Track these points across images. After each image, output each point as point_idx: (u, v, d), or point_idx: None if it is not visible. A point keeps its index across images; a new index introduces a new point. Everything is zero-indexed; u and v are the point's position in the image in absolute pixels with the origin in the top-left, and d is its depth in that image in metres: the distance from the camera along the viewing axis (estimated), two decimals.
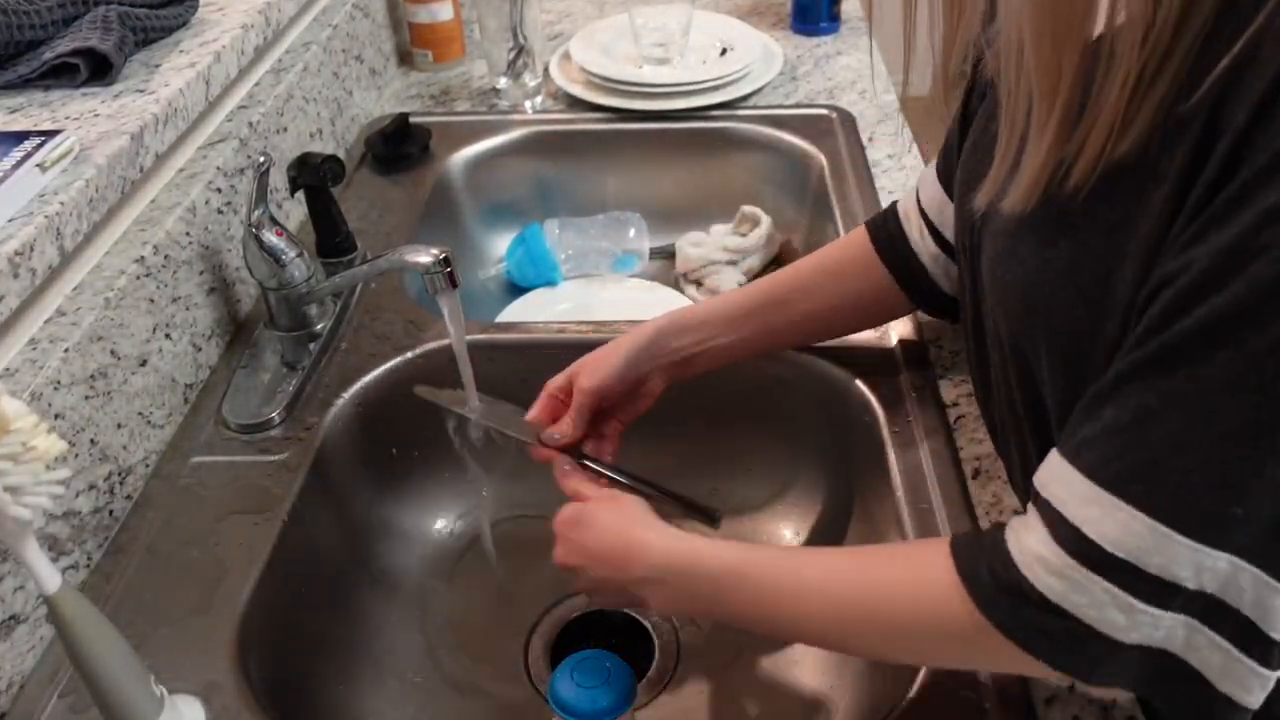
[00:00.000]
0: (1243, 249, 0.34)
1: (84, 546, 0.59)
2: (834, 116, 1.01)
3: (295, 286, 0.73)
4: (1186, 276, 0.36)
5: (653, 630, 0.71)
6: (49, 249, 0.57)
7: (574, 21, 1.22)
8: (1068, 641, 0.39)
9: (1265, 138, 0.34)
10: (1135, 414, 0.37)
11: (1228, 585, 0.36)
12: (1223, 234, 0.35)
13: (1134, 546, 0.37)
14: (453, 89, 1.11)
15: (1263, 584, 0.36)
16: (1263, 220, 0.34)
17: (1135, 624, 0.38)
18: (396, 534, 0.77)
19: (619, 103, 1.02)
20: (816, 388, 0.73)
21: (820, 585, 0.48)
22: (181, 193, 0.72)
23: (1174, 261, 0.37)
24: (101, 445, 0.61)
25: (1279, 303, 0.34)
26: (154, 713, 0.49)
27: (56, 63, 0.69)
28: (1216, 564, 0.36)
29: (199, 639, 0.56)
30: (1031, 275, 0.44)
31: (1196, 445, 0.36)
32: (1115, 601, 0.37)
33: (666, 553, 0.51)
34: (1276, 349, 0.34)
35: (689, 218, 1.02)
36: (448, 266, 0.63)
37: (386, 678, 0.68)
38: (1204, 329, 0.35)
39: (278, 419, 0.70)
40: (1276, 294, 0.34)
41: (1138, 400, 0.37)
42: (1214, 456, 0.35)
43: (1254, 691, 0.38)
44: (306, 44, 0.93)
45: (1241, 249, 0.34)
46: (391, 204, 0.93)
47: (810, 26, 1.17)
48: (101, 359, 0.61)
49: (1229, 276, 0.34)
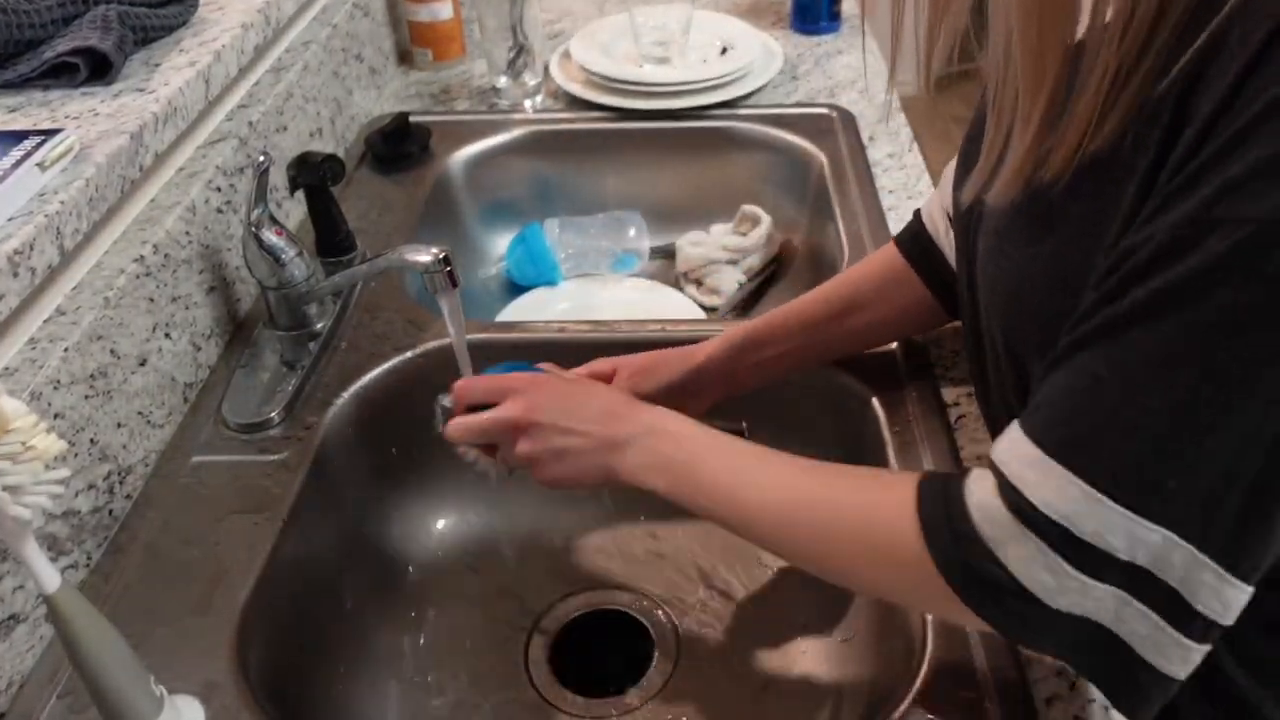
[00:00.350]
0: (1199, 221, 0.34)
1: (83, 546, 0.59)
2: (834, 116, 1.01)
3: (295, 286, 0.73)
4: (1145, 249, 0.36)
5: (652, 630, 0.71)
6: (49, 248, 0.57)
7: (574, 20, 1.22)
8: (996, 593, 0.40)
9: (1227, 119, 0.34)
10: (1082, 381, 0.38)
11: (1159, 558, 0.37)
12: (1181, 208, 0.35)
13: (1069, 511, 0.37)
14: (453, 88, 1.11)
15: (1193, 559, 0.36)
16: (1219, 194, 0.34)
17: (1063, 588, 0.38)
18: (396, 533, 0.77)
19: (619, 102, 1.02)
20: (817, 389, 0.73)
21: (787, 480, 0.49)
22: (181, 192, 0.71)
23: (1136, 235, 0.37)
24: (101, 445, 0.61)
25: (1227, 276, 0.34)
26: (153, 712, 0.49)
27: (56, 62, 0.69)
28: (1150, 536, 0.36)
29: (198, 639, 0.56)
30: (1019, 271, 0.45)
31: (1139, 415, 0.36)
32: (1045, 561, 0.38)
33: (664, 414, 0.53)
34: (1222, 323, 0.34)
35: (689, 217, 1.02)
36: (447, 266, 0.63)
37: (386, 678, 0.68)
38: (1155, 300, 0.36)
39: (277, 418, 0.69)
40: (1226, 268, 0.34)
41: (1086, 368, 0.38)
42: (1155, 427, 0.36)
43: (1175, 662, 0.39)
44: (306, 43, 0.93)
45: (1198, 221, 0.34)
46: (391, 203, 0.93)
47: (810, 25, 1.17)
48: (101, 358, 0.61)
49: (1184, 249, 0.35)
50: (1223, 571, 0.37)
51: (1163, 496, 0.36)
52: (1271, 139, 0.33)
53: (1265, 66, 0.34)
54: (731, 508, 0.51)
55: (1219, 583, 0.37)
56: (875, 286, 0.66)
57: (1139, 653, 0.39)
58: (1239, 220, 0.33)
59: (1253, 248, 0.33)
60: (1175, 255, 0.35)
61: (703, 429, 0.53)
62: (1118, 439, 0.37)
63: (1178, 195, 0.36)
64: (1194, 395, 0.35)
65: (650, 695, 0.67)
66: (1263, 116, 0.33)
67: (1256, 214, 0.33)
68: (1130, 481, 0.36)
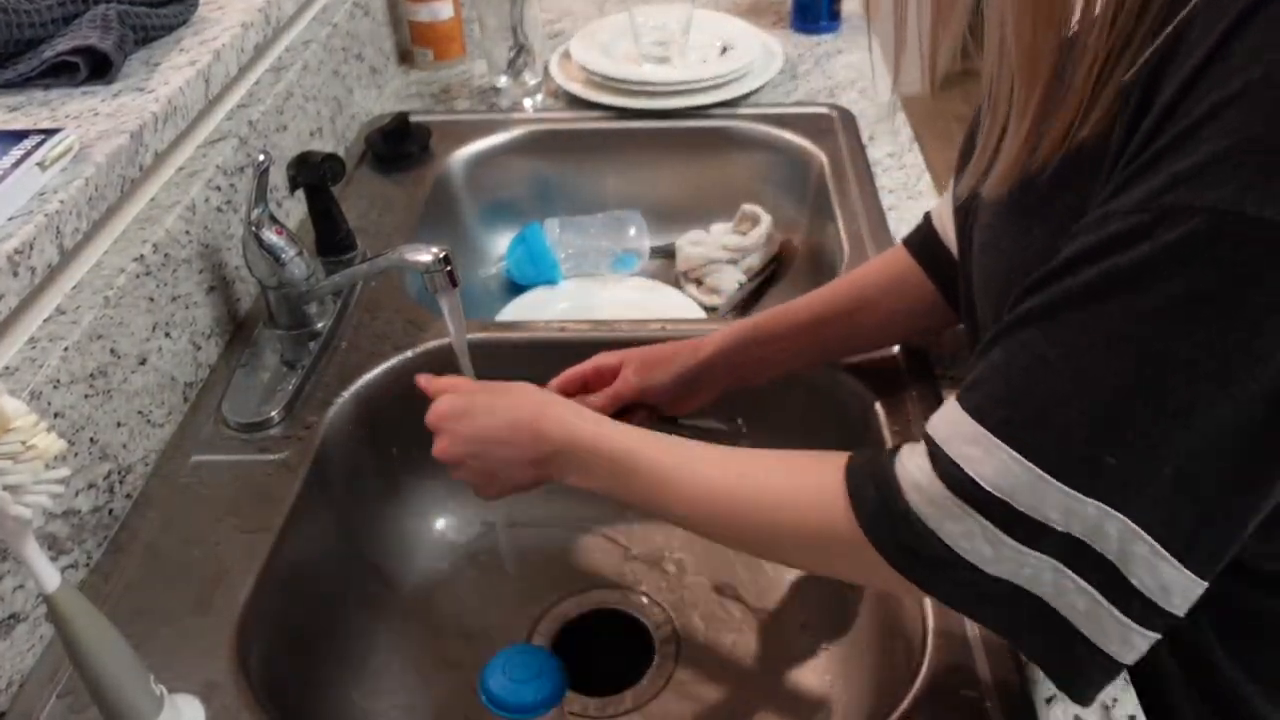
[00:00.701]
0: (1150, 207, 0.35)
1: (83, 545, 0.59)
2: (834, 115, 1.01)
3: (295, 285, 0.73)
4: (1095, 232, 0.37)
5: (652, 630, 0.71)
6: (48, 247, 0.57)
7: (574, 20, 1.22)
8: (937, 565, 0.41)
9: (1184, 109, 0.35)
10: (1024, 360, 0.38)
11: (1094, 531, 0.37)
12: (1133, 193, 0.36)
13: (1008, 486, 0.38)
14: (453, 87, 1.11)
15: (1129, 531, 0.37)
16: (1171, 182, 0.35)
17: (1000, 557, 0.39)
18: (397, 533, 0.77)
19: (619, 101, 1.02)
20: (816, 387, 0.73)
21: (712, 483, 0.49)
22: (181, 191, 0.71)
23: (1093, 214, 0.38)
24: (101, 444, 0.60)
25: (1174, 264, 0.34)
26: (153, 712, 0.49)
27: (56, 61, 0.69)
28: (1085, 509, 0.37)
29: (198, 638, 0.56)
30: (1009, 262, 0.45)
31: (1081, 396, 0.37)
32: (985, 533, 0.39)
33: (571, 430, 0.53)
34: (1167, 309, 0.35)
35: (689, 216, 1.02)
36: (448, 265, 0.63)
37: (386, 677, 0.68)
38: (1103, 282, 0.36)
39: (277, 418, 0.69)
40: (1174, 256, 0.34)
41: (1030, 346, 0.38)
42: (1097, 408, 0.36)
43: (1115, 641, 0.39)
44: (306, 42, 0.93)
45: (1148, 207, 0.35)
46: (391, 203, 0.93)
47: (810, 25, 1.17)
48: (101, 358, 0.61)
49: (1134, 234, 0.35)
50: (1157, 546, 0.37)
51: (1101, 474, 0.37)
52: (1224, 132, 0.34)
53: (1222, 58, 0.34)
54: (664, 507, 0.51)
55: (1154, 557, 0.37)
56: (883, 286, 0.66)
57: (1078, 628, 0.39)
58: (1189, 209, 0.34)
59: (1200, 237, 0.34)
60: (1125, 240, 0.36)
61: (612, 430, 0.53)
62: (1060, 419, 0.37)
63: (1132, 181, 0.36)
64: (1136, 378, 0.36)
65: (650, 696, 0.67)
66: (1216, 110, 0.34)
67: (1206, 204, 0.34)
68: (1071, 460, 0.37)
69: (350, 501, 0.73)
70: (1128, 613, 0.39)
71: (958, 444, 0.40)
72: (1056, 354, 0.37)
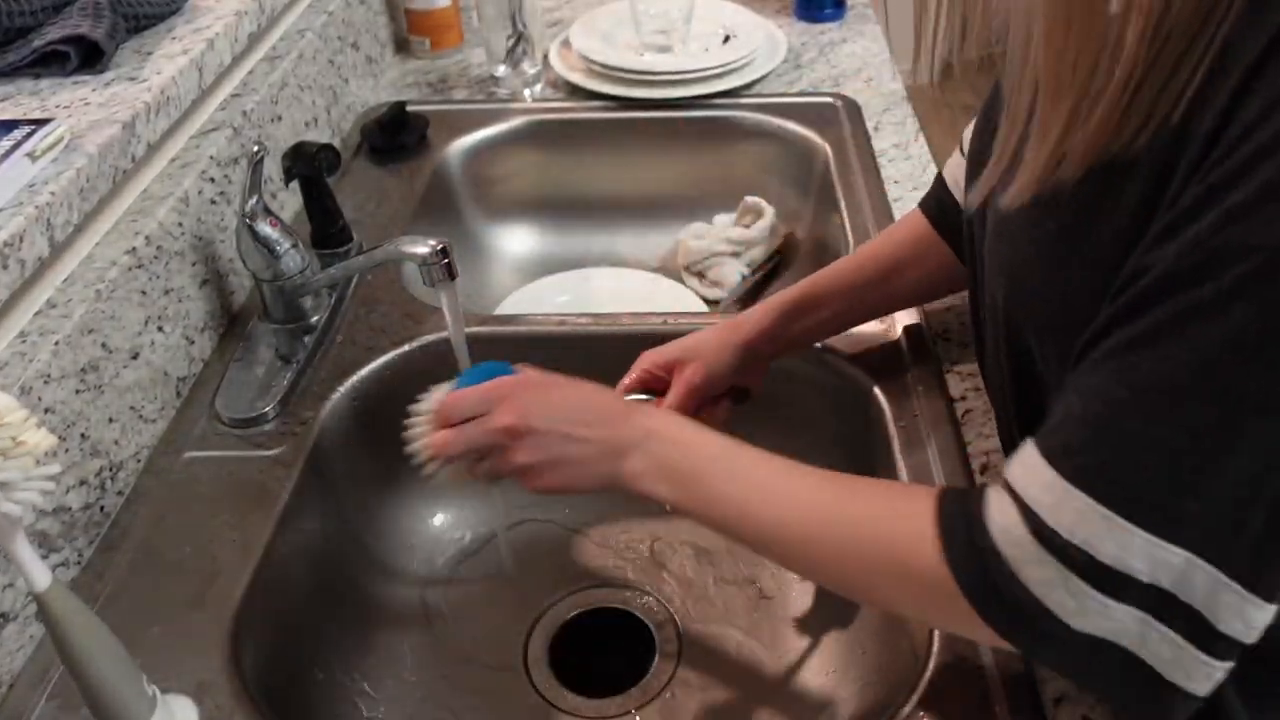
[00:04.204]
0: (1208, 246, 0.35)
1: (75, 543, 0.59)
2: (839, 105, 1.00)
3: (290, 278, 0.72)
4: (1156, 271, 0.37)
5: (653, 629, 0.71)
6: (39, 240, 0.56)
7: (574, 8, 1.20)
8: (1018, 612, 0.40)
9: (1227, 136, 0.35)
10: (1097, 406, 0.38)
11: (1181, 580, 0.37)
12: (1190, 231, 0.36)
13: (1089, 534, 0.38)
14: (450, 77, 1.10)
15: (1215, 580, 0.37)
16: (1225, 219, 0.35)
17: (1084, 609, 0.38)
18: (394, 530, 0.76)
19: (620, 91, 1.01)
20: (821, 382, 0.72)
21: (804, 496, 0.47)
22: (174, 183, 0.70)
23: (1148, 255, 0.38)
24: (92, 440, 0.60)
25: (1239, 304, 0.34)
26: (146, 712, 0.48)
27: (46, 50, 0.68)
28: (1171, 558, 0.37)
29: (192, 637, 0.55)
30: (1021, 249, 0.46)
31: (1156, 441, 0.36)
32: (1066, 584, 0.38)
33: (666, 419, 0.51)
34: (1236, 349, 0.35)
35: (691, 208, 1.01)
36: (445, 258, 0.62)
37: (383, 676, 0.68)
38: (1169, 326, 0.36)
39: (272, 413, 0.69)
40: (1238, 295, 0.34)
41: (1102, 392, 0.38)
42: (1173, 452, 0.36)
43: (1199, 680, 0.39)
44: (301, 31, 0.92)
45: (1206, 246, 0.35)
46: (388, 194, 0.92)
47: (814, 13, 1.15)
48: (92, 352, 0.60)
49: (1196, 275, 0.35)
50: (1245, 592, 0.37)
51: (1183, 520, 0.36)
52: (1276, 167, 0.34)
53: (1256, 91, 0.34)
54: (744, 522, 0.49)
55: (1241, 603, 0.37)
56: (909, 250, 0.66)
57: (1163, 674, 0.39)
58: (1249, 248, 0.34)
59: (1263, 276, 0.34)
60: (1187, 281, 0.36)
61: (709, 434, 0.51)
62: (1136, 464, 0.37)
63: (1185, 217, 0.36)
64: (1210, 420, 0.36)
65: (651, 695, 0.67)
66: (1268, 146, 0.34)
67: (1265, 242, 0.34)
68: (1150, 506, 0.37)
69: (346, 498, 0.72)
70: (1212, 654, 0.38)
71: (1036, 491, 0.39)
72: (1129, 400, 0.37)
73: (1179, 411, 0.36)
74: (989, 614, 0.41)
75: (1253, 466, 0.35)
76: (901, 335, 0.72)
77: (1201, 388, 0.36)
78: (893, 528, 0.45)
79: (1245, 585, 0.37)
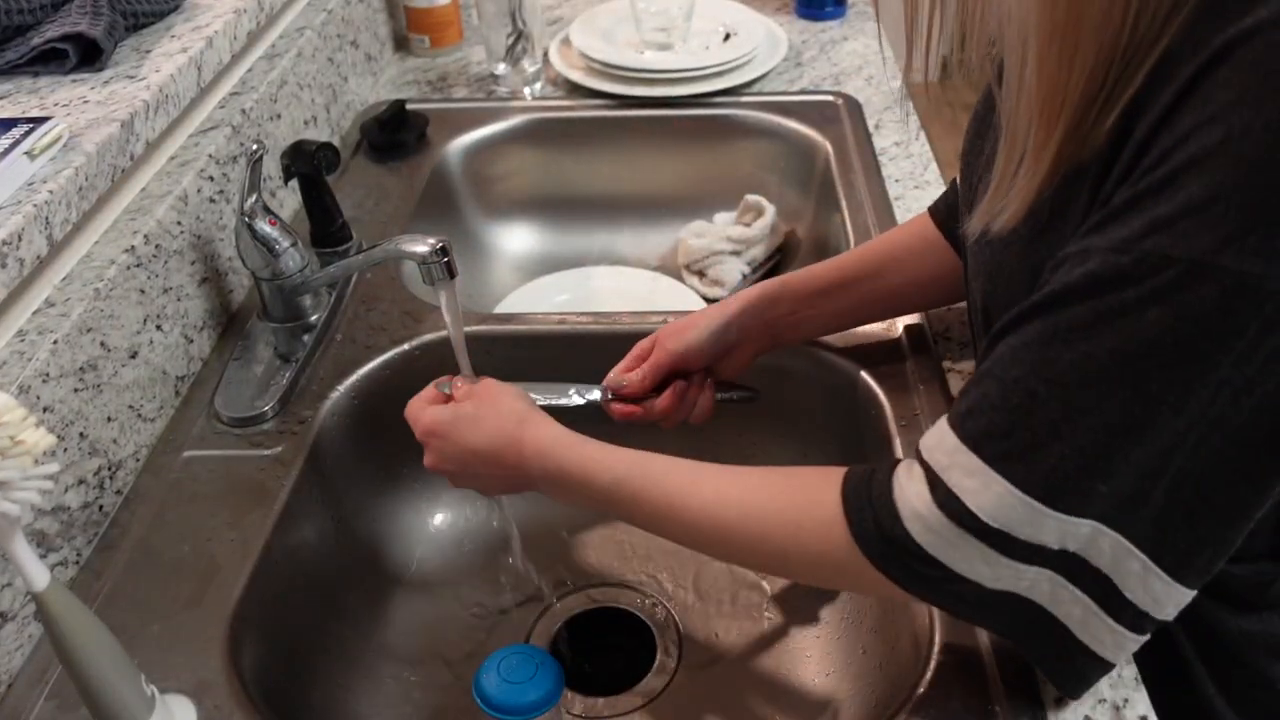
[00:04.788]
0: (1131, 251, 0.37)
1: (73, 543, 0.58)
2: (840, 103, 1.00)
3: (289, 277, 0.72)
4: (1080, 266, 0.38)
5: (655, 629, 0.71)
6: (37, 238, 0.56)
7: (574, 6, 1.20)
8: (939, 583, 0.43)
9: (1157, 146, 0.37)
10: (1018, 396, 0.40)
11: (1088, 545, 0.40)
12: (1116, 233, 0.37)
13: (1007, 518, 0.40)
14: (450, 75, 1.09)
15: (1120, 546, 0.40)
16: (1151, 227, 0.36)
17: (999, 575, 0.41)
18: (393, 530, 0.76)
19: (620, 89, 1.01)
20: (822, 379, 0.72)
21: (709, 508, 0.50)
22: (173, 181, 0.70)
23: (1071, 246, 0.40)
24: (91, 439, 0.60)
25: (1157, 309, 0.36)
26: (144, 712, 0.48)
27: (45, 48, 0.68)
28: (1079, 529, 0.40)
29: (191, 637, 0.55)
30: (996, 257, 0.48)
31: (1074, 433, 0.39)
32: (984, 556, 0.41)
33: (560, 460, 0.54)
34: (1153, 351, 0.37)
35: (692, 207, 1.01)
36: (445, 256, 0.62)
37: (383, 676, 0.68)
38: (1091, 323, 0.38)
39: (271, 412, 0.68)
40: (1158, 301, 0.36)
41: (1023, 382, 0.40)
42: (1089, 444, 0.38)
43: (1109, 648, 0.42)
44: (300, 29, 0.91)
45: (1130, 251, 0.37)
46: (388, 192, 0.92)
47: (815, 11, 1.15)
48: (91, 351, 0.60)
49: (1119, 277, 0.37)
50: (1149, 561, 0.40)
51: (1094, 500, 0.39)
52: (1205, 182, 0.35)
53: (1196, 102, 0.36)
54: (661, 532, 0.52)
55: (1145, 573, 0.40)
56: (908, 250, 0.67)
57: (1074, 633, 0.42)
58: (1169, 258, 0.36)
59: (1180, 286, 0.36)
60: (1110, 284, 0.37)
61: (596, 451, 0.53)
62: (1054, 454, 0.39)
63: (1114, 219, 0.38)
64: (1124, 415, 0.38)
65: (653, 694, 0.67)
66: (1196, 159, 0.35)
67: (1186, 254, 0.36)
68: (1066, 491, 0.39)
69: (345, 497, 0.72)
70: (1120, 621, 0.41)
71: (957, 475, 0.41)
72: (1047, 390, 0.39)
73: (1094, 406, 0.38)
74: (908, 587, 0.44)
75: (1158, 451, 0.38)
76: (902, 334, 0.72)
77: (1119, 385, 0.38)
78: (800, 526, 0.47)
79: (1149, 555, 0.40)
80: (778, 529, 0.48)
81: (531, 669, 0.53)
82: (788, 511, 0.48)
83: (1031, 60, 0.39)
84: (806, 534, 0.47)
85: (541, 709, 0.53)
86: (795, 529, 0.47)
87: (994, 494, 0.40)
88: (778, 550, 0.48)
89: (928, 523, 0.42)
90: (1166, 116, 0.37)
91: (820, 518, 0.46)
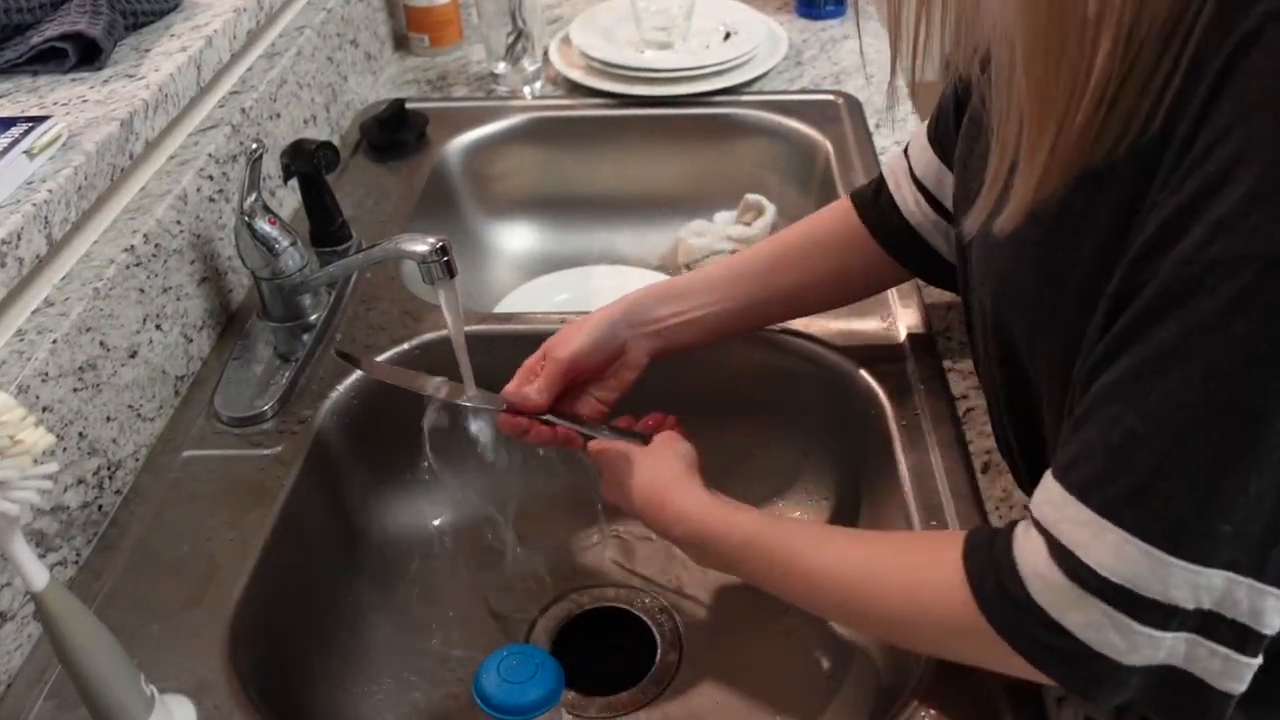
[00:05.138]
0: (1199, 260, 0.35)
1: (72, 542, 0.58)
2: (840, 102, 1.00)
3: (289, 276, 0.72)
4: (1151, 289, 0.36)
5: (655, 628, 0.70)
6: (36, 238, 0.56)
7: (574, 5, 1.20)
8: (1068, 657, 0.39)
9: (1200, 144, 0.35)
10: (1117, 436, 0.37)
11: (1224, 599, 0.37)
12: (1180, 247, 0.35)
13: (1129, 572, 0.37)
14: (450, 74, 1.09)
15: (1257, 591, 0.37)
16: (1213, 232, 0.34)
17: (1134, 646, 0.38)
18: (393, 529, 0.76)
19: (620, 88, 1.01)
20: (823, 380, 0.72)
21: (831, 568, 0.50)
22: (172, 180, 0.70)
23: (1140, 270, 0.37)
24: (90, 439, 0.59)
25: (1242, 316, 0.34)
26: (144, 712, 0.48)
27: (44, 47, 0.68)
28: (1212, 581, 0.37)
29: (190, 637, 0.55)
30: (1006, 256, 0.47)
31: (1182, 467, 0.36)
32: (1113, 623, 0.38)
33: (698, 522, 0.55)
34: (1247, 362, 0.34)
35: (692, 206, 1.01)
36: (445, 255, 0.62)
37: (382, 676, 0.67)
38: (1176, 347, 0.36)
39: (270, 412, 0.68)
40: (1240, 307, 0.34)
41: (1120, 422, 0.37)
42: (1200, 477, 0.36)
43: (1246, 681, 0.39)
44: (300, 28, 0.91)
45: (1198, 261, 0.35)
46: (387, 192, 0.92)
47: (815, 10, 1.15)
48: (90, 350, 0.59)
49: (1192, 291, 0.35)
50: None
51: (1218, 543, 0.36)
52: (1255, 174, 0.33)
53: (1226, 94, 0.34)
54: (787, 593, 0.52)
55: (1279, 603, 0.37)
56: (815, 243, 0.65)
57: (1212, 685, 0.39)
58: (1241, 258, 0.34)
59: (1261, 287, 0.34)
60: (1184, 299, 0.35)
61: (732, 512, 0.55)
62: (1166, 492, 0.36)
63: (1173, 231, 0.36)
64: (1230, 440, 0.35)
65: (652, 695, 0.66)
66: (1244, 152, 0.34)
67: (1257, 251, 0.33)
68: (1185, 534, 0.36)
69: (345, 498, 0.72)
70: (1254, 655, 0.38)
71: (1068, 528, 0.39)
72: (1149, 427, 0.36)
73: (1197, 435, 0.35)
74: (1039, 663, 0.41)
75: (1276, 475, 0.35)
76: (903, 334, 0.72)
77: (1220, 408, 0.35)
78: (920, 583, 0.45)
79: None
80: (897, 589, 0.46)
81: (531, 669, 0.53)
82: (908, 570, 0.46)
83: (1019, 62, 0.38)
84: (927, 595, 0.44)
85: (541, 709, 0.53)
86: (914, 590, 0.45)
87: (1108, 545, 0.37)
88: (898, 615, 0.47)
89: (1048, 581, 0.39)
90: (1204, 112, 0.35)
91: (941, 578, 0.43)
